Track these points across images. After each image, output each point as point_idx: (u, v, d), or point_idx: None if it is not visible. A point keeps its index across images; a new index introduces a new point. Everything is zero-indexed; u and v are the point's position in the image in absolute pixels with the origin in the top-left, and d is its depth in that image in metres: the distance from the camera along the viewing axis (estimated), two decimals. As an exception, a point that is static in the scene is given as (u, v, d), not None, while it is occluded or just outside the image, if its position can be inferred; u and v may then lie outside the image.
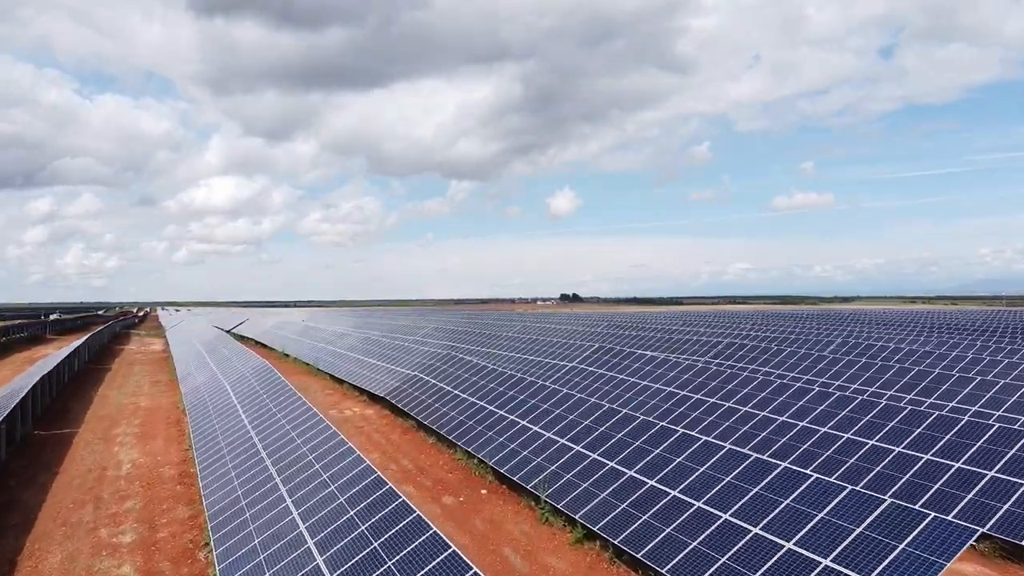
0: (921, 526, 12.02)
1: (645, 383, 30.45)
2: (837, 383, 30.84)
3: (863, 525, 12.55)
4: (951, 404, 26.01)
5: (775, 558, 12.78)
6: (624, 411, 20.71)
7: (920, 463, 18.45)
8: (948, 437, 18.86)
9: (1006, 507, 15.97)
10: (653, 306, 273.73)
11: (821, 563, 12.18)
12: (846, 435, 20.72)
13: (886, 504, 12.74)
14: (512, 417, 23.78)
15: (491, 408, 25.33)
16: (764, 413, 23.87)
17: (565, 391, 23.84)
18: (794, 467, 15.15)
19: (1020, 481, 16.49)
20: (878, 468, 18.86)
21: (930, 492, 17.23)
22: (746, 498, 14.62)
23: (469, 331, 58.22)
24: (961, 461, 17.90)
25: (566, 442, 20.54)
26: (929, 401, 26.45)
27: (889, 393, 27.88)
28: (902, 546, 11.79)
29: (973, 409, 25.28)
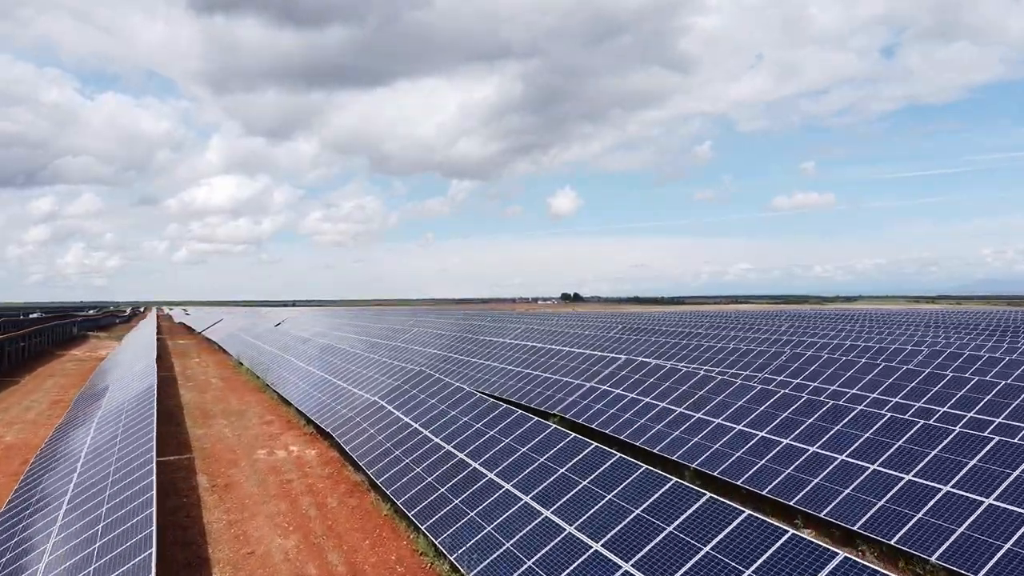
0: None
1: (704, 417, 21.38)
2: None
3: None
4: None
5: None
6: (699, 490, 11.65)
7: None
8: None
9: None
10: (656, 306, 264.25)
11: None
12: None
13: None
14: (508, 487, 14.73)
15: (476, 466, 16.28)
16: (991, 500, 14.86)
17: (594, 444, 14.77)
18: None
19: None
20: None
21: None
22: None
23: (460, 336, 48.78)
24: None
25: (602, 549, 11.52)
26: None
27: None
28: None
29: None
